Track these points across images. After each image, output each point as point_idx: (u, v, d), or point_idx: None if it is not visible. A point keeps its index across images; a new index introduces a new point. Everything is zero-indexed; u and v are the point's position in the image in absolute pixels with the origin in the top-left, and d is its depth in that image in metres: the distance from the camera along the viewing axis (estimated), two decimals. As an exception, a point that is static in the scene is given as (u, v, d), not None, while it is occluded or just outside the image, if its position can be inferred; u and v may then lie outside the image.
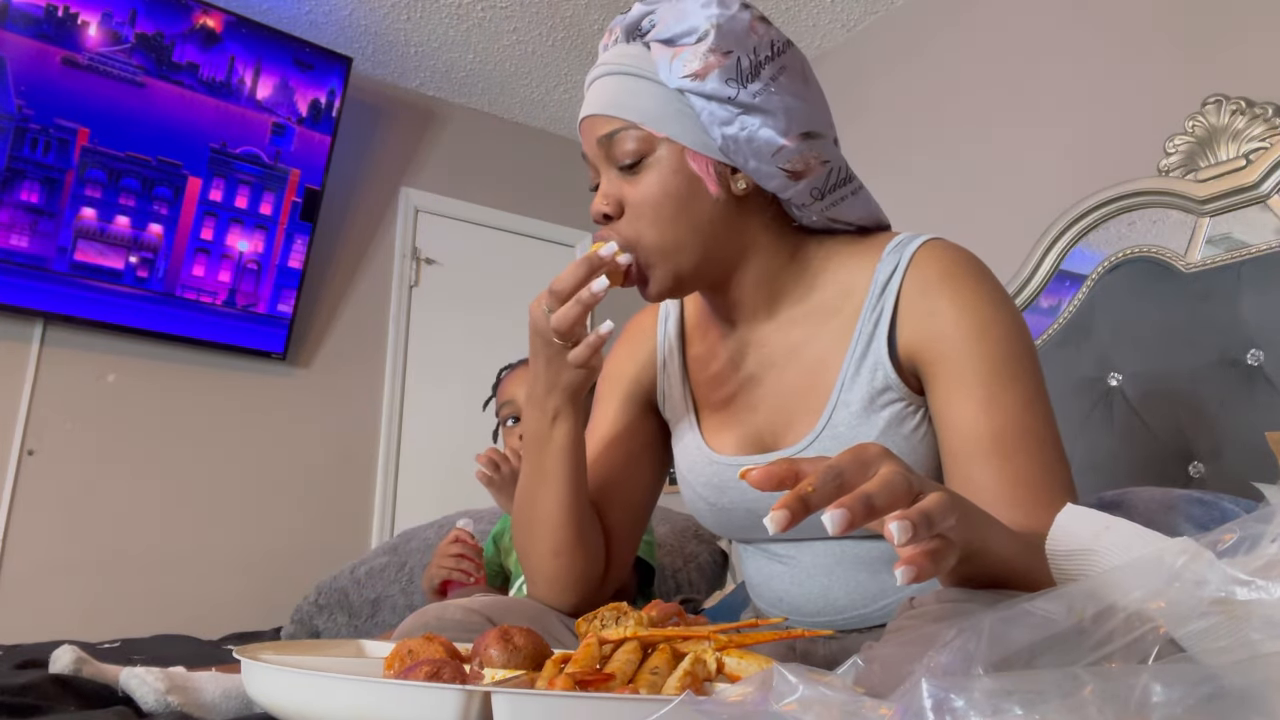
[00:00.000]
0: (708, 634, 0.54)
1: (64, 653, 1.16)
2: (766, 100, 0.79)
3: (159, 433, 2.61)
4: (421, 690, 0.45)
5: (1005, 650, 0.36)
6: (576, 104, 3.35)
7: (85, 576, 2.44)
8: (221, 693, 1.06)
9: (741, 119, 0.79)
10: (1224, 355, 1.60)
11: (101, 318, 2.48)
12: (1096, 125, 2.12)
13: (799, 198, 0.84)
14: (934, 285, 0.79)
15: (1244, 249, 1.63)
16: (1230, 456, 1.57)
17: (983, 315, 0.77)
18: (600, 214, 0.84)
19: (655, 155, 0.82)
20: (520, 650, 0.54)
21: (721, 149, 0.81)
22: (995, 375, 0.75)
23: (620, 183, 0.84)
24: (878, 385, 0.80)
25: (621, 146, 0.83)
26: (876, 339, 0.81)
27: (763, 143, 0.79)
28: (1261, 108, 1.70)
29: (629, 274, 0.83)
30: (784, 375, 0.87)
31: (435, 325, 3.18)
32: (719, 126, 0.80)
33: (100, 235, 2.46)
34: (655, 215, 0.81)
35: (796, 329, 0.87)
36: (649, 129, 0.81)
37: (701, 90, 0.79)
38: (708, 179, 0.82)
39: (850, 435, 0.80)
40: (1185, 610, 0.36)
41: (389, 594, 1.98)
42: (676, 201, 0.81)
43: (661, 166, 0.81)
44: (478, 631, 0.81)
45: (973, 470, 0.73)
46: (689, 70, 0.79)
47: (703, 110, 0.80)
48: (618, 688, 0.46)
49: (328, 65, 2.82)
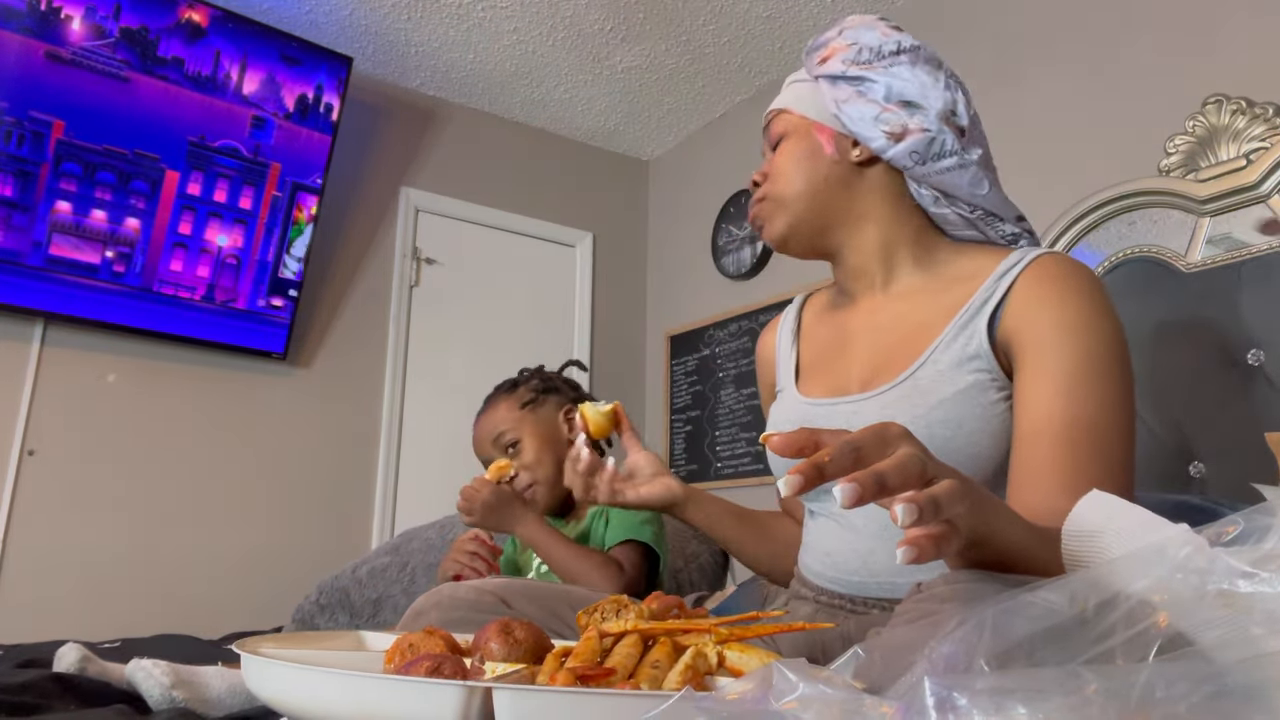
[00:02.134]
0: (709, 627, 0.54)
1: (69, 651, 1.16)
2: (875, 75, 0.96)
3: (159, 433, 2.61)
4: (423, 686, 0.45)
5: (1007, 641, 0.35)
6: (577, 104, 3.35)
7: (85, 576, 2.43)
8: (226, 688, 1.06)
9: (853, 91, 0.97)
10: (1224, 355, 1.60)
11: (76, 312, 2.44)
12: (1096, 125, 2.12)
13: (900, 158, 0.97)
14: (1047, 280, 0.86)
15: (1244, 249, 1.63)
16: (1230, 456, 1.57)
17: (1084, 314, 0.83)
18: (753, 182, 1.05)
19: (794, 130, 1.03)
20: (521, 644, 0.54)
21: (836, 117, 0.99)
22: (1081, 370, 0.79)
23: (771, 157, 1.04)
24: (970, 351, 0.86)
25: (774, 128, 1.05)
26: (981, 313, 0.88)
27: (865, 105, 0.96)
28: (1262, 108, 1.70)
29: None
30: (885, 335, 0.97)
31: (435, 325, 3.18)
32: (836, 101, 0.98)
33: (76, 229, 2.43)
34: (782, 173, 1.02)
35: (907, 301, 0.97)
36: (792, 110, 1.03)
37: (827, 72, 0.99)
38: (825, 143, 1.00)
39: (931, 387, 0.86)
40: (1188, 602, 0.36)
41: (390, 594, 1.98)
42: (798, 161, 1.01)
43: (795, 136, 1.02)
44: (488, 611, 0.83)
45: (1038, 451, 0.77)
46: (819, 58, 1.01)
47: (827, 90, 0.99)
48: (618, 683, 0.46)
49: (315, 60, 2.79)
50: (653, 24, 2.86)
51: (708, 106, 3.36)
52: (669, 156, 3.73)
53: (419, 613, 0.89)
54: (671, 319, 3.53)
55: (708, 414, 3.24)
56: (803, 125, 1.02)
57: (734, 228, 3.26)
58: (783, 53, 2.99)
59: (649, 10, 2.79)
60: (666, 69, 3.10)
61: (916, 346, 0.91)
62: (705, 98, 3.29)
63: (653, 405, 3.53)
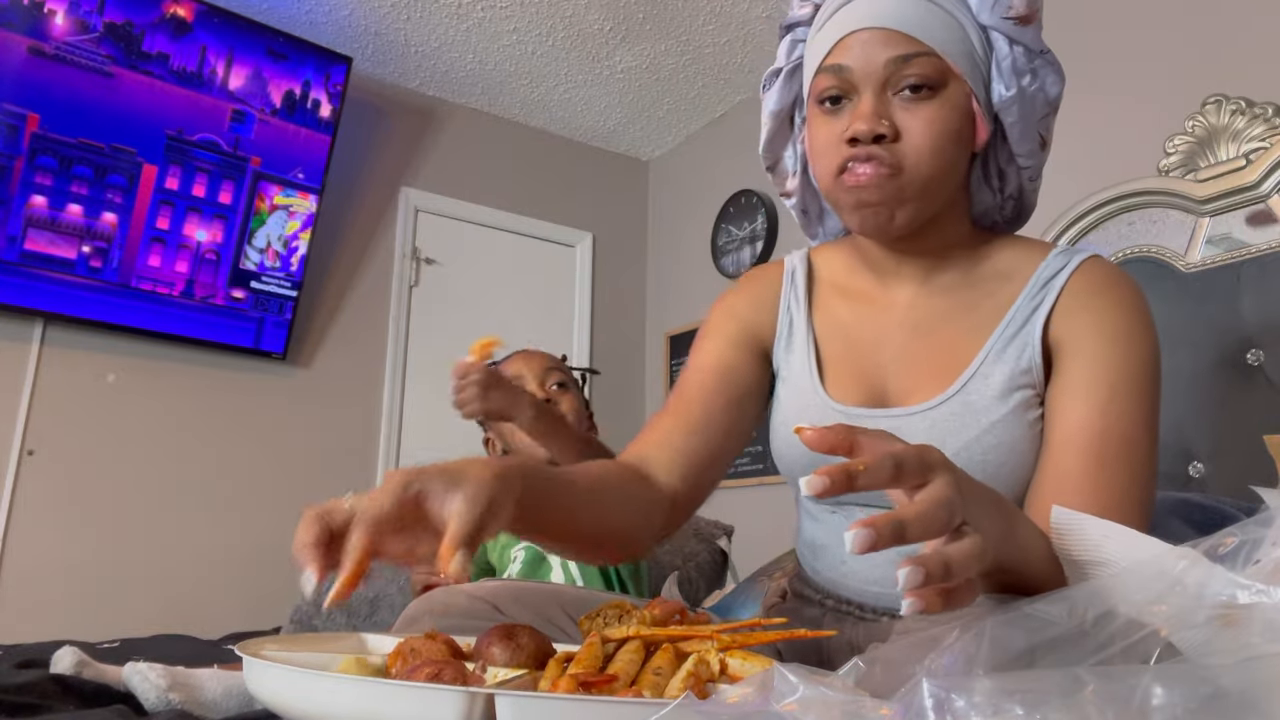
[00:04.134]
0: (711, 634, 0.54)
1: (65, 654, 1.16)
2: (1055, 64, 0.84)
3: (159, 433, 2.61)
4: (425, 691, 0.45)
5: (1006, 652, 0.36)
6: (576, 104, 3.35)
7: (85, 576, 2.44)
8: (223, 690, 1.06)
9: (1041, 73, 0.83)
10: (1224, 355, 1.61)
11: (52, 308, 2.41)
12: (1096, 125, 2.12)
13: (1032, 170, 0.87)
14: (1098, 288, 0.81)
15: (1244, 249, 1.63)
16: (1230, 457, 1.57)
17: (1130, 327, 0.79)
18: (873, 133, 0.78)
19: (948, 89, 0.80)
20: (523, 649, 0.54)
21: (1007, 99, 0.82)
22: (1120, 383, 0.76)
23: (898, 105, 0.79)
24: (1022, 366, 0.81)
25: (920, 69, 0.78)
26: (1032, 321, 0.82)
27: (1047, 99, 0.84)
28: (1261, 108, 1.70)
29: None
30: (923, 339, 0.87)
31: (435, 325, 3.18)
32: (1017, 75, 0.81)
33: (51, 224, 2.40)
34: (935, 147, 0.79)
35: (947, 298, 0.87)
36: (950, 62, 0.79)
37: (1019, 36, 0.81)
38: (981, 128, 0.82)
39: (983, 406, 0.80)
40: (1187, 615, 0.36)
41: (387, 593, 1.98)
42: (955, 139, 0.80)
43: (952, 101, 0.80)
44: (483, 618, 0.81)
45: (1067, 460, 0.74)
46: (1015, 13, 0.80)
47: (1006, 56, 0.81)
48: (620, 689, 0.46)
49: (302, 56, 2.77)
50: (653, 24, 2.85)
51: (708, 106, 3.36)
52: (669, 156, 3.73)
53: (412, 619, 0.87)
54: (671, 319, 3.53)
55: (707, 414, 3.23)
56: (961, 90, 0.80)
57: (734, 228, 3.26)
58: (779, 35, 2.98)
59: (649, 10, 2.79)
60: (666, 69, 3.10)
61: (959, 358, 0.83)
62: (705, 98, 3.29)
63: (653, 405, 3.54)
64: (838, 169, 0.80)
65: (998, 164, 0.89)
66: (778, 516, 1.18)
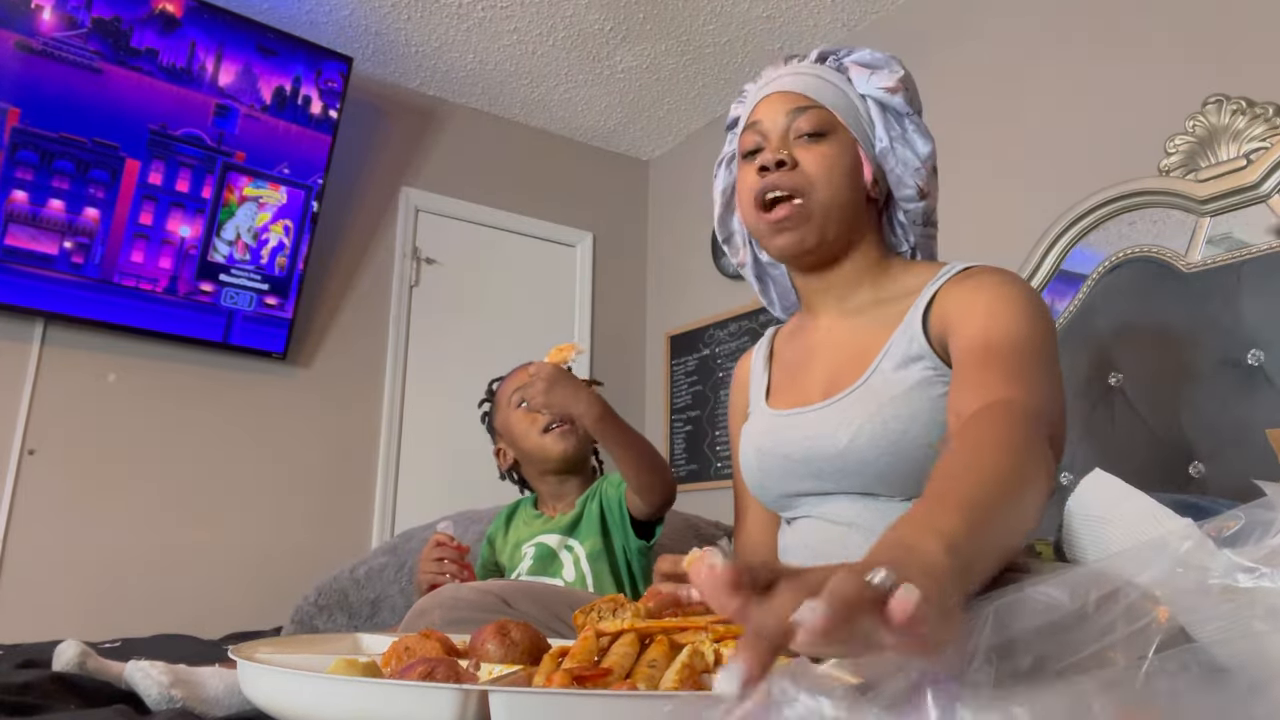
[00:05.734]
0: (705, 625, 0.53)
1: (68, 647, 1.16)
2: (923, 128, 1.05)
3: (159, 432, 2.61)
4: (418, 690, 0.45)
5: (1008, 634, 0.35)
6: (577, 104, 3.35)
7: (85, 576, 2.43)
8: (225, 688, 1.06)
9: (908, 132, 1.04)
10: (1224, 355, 1.60)
11: (33, 304, 2.38)
12: (1096, 125, 2.12)
13: (913, 215, 1.06)
14: (972, 276, 0.96)
15: (1244, 249, 1.63)
16: (1231, 456, 1.57)
17: (1002, 280, 0.93)
18: (776, 160, 0.99)
19: (835, 135, 1.02)
20: (517, 645, 0.54)
21: (881, 152, 1.03)
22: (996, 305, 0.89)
23: (798, 147, 1.02)
24: (912, 353, 0.95)
25: (812, 119, 1.02)
26: (915, 316, 0.97)
27: (916, 154, 1.03)
28: (1262, 108, 1.70)
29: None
30: (842, 350, 1.04)
31: (435, 325, 3.18)
32: (889, 132, 1.03)
33: (32, 219, 2.37)
34: (829, 176, 1.00)
35: (862, 316, 1.04)
36: (837, 115, 1.03)
37: (889, 102, 1.03)
38: (866, 168, 1.03)
39: (882, 388, 0.95)
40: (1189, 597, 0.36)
41: (388, 594, 1.97)
42: (844, 173, 1.01)
43: (839, 143, 1.02)
44: (491, 611, 0.84)
45: (967, 367, 0.85)
46: (885, 85, 1.03)
47: (880, 116, 1.03)
48: (615, 683, 0.46)
49: (292, 52, 2.75)
50: (653, 24, 2.85)
51: (708, 106, 3.36)
52: (669, 156, 3.73)
53: (422, 612, 0.90)
54: (671, 319, 3.53)
55: (708, 414, 3.24)
56: (846, 138, 1.03)
57: (734, 228, 3.25)
58: (782, 53, 2.98)
59: (649, 10, 2.79)
60: (666, 69, 3.10)
61: (868, 356, 0.99)
62: (705, 98, 3.29)
63: (653, 405, 3.53)
64: (757, 202, 1.01)
65: (894, 216, 1.09)
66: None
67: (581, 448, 1.53)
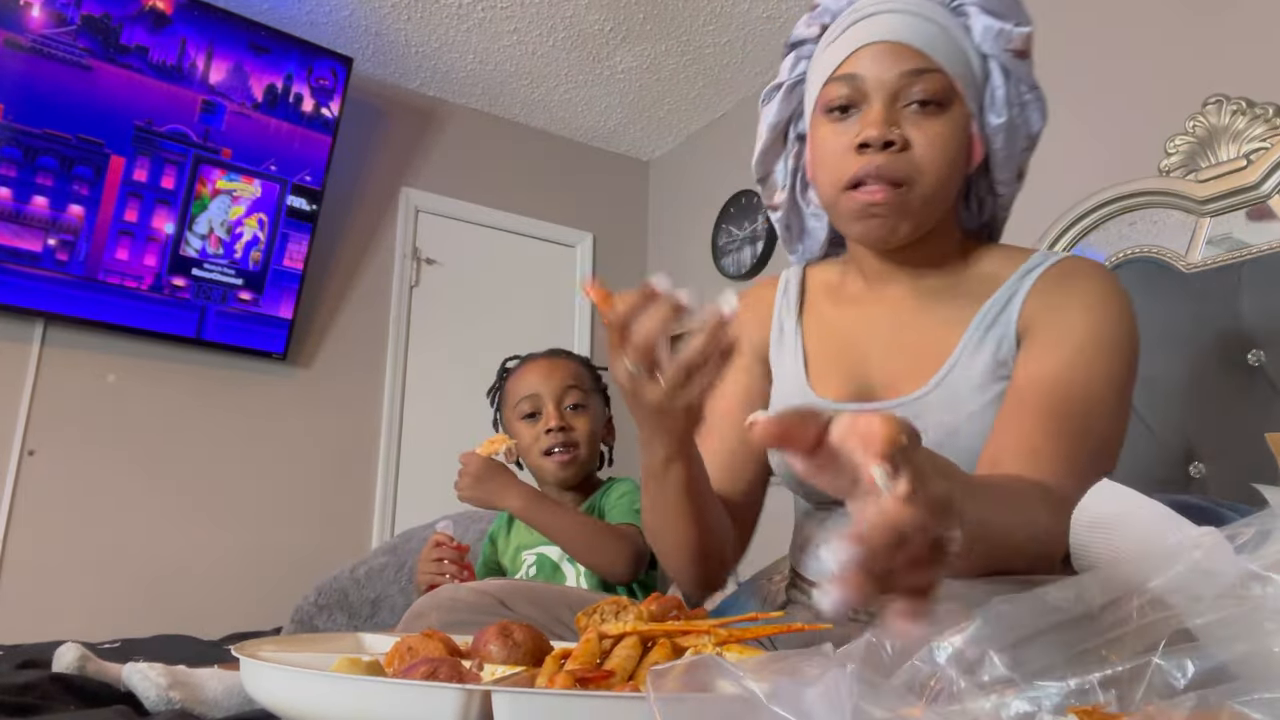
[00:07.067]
0: (708, 628, 0.53)
1: (67, 650, 1.16)
2: (1043, 100, 0.89)
3: (159, 433, 2.61)
4: (421, 689, 0.45)
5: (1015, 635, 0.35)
6: (577, 104, 3.35)
7: (85, 576, 2.43)
8: (224, 689, 1.06)
9: (1028, 106, 0.87)
10: (1224, 356, 1.60)
11: (17, 302, 2.37)
12: (1097, 125, 2.12)
13: (1006, 199, 0.93)
14: (1072, 272, 0.84)
15: (1245, 249, 1.63)
16: (1231, 457, 1.57)
17: (1103, 298, 0.81)
18: (884, 139, 0.81)
19: (952, 108, 0.83)
20: (520, 646, 0.54)
21: (995, 129, 0.87)
22: (1088, 344, 0.77)
23: (906, 118, 0.83)
24: (1000, 356, 0.83)
25: (929, 86, 0.82)
26: (1007, 311, 0.84)
27: (1029, 133, 0.89)
28: (1262, 108, 1.70)
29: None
30: (906, 333, 0.89)
31: (435, 325, 3.18)
32: (1008, 106, 0.86)
33: (16, 216, 2.36)
34: (941, 161, 0.82)
35: (933, 299, 0.90)
36: (956, 83, 0.83)
37: (1015, 68, 0.85)
38: (977, 148, 0.87)
39: (965, 395, 0.82)
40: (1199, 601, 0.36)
41: (388, 594, 1.98)
42: (957, 156, 0.84)
43: (954, 119, 0.83)
44: (489, 613, 0.82)
45: (1023, 405, 0.74)
46: (1013, 46, 0.85)
47: (1000, 86, 0.86)
48: (618, 685, 0.46)
49: (284, 50, 2.75)
50: (653, 25, 2.85)
51: (708, 106, 3.36)
52: (669, 156, 3.73)
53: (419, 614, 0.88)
54: (671, 319, 3.53)
55: (708, 414, 3.23)
56: (962, 112, 0.84)
57: (734, 228, 3.25)
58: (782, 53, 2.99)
59: (649, 11, 2.79)
60: (666, 69, 3.10)
61: (939, 350, 0.86)
62: (705, 98, 3.29)
63: (653, 405, 3.53)
64: (847, 181, 0.83)
65: (978, 192, 0.94)
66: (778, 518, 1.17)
67: (582, 472, 1.50)
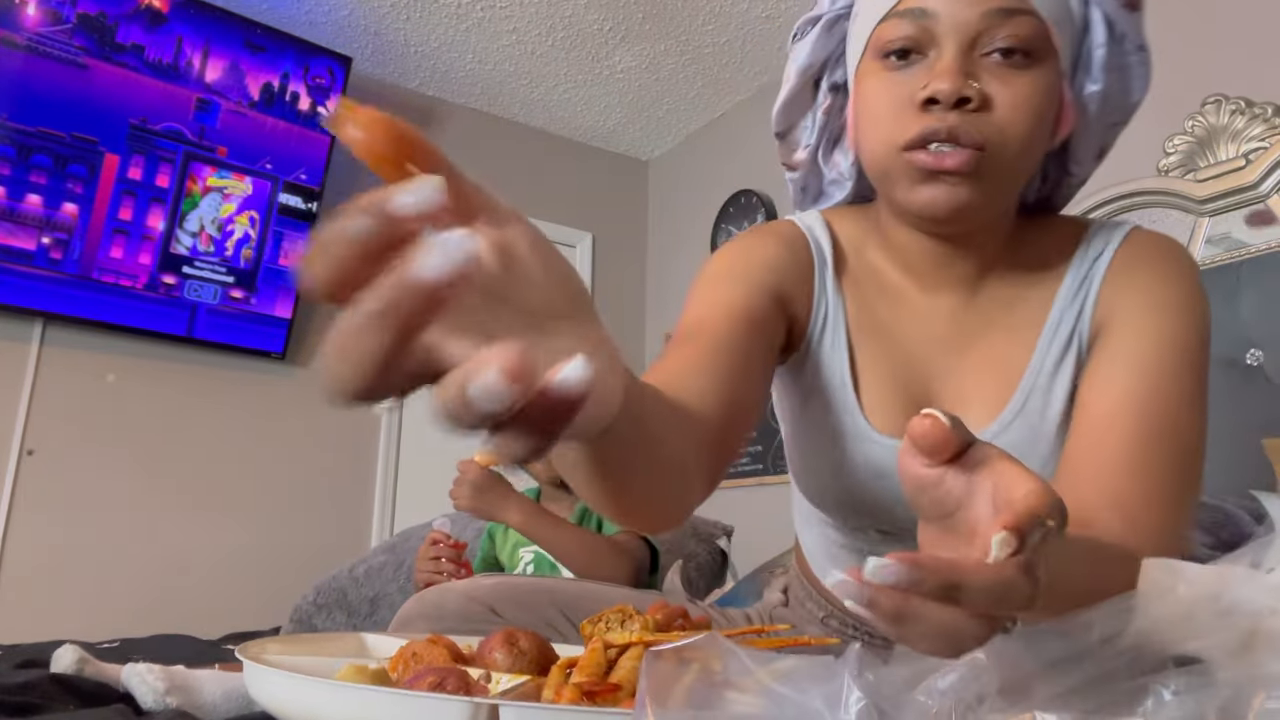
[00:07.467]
0: (714, 641, 0.53)
1: (66, 652, 1.16)
2: (1148, 65, 0.72)
3: (158, 432, 2.61)
4: (429, 701, 0.45)
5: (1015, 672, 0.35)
6: (576, 104, 3.35)
7: (84, 576, 2.44)
8: (222, 693, 1.06)
9: (1130, 70, 0.71)
10: (1224, 355, 1.61)
11: (12, 301, 2.36)
12: (1096, 125, 2.12)
13: (1080, 178, 0.79)
14: (1144, 259, 0.72)
15: (1243, 249, 1.64)
16: (1230, 456, 1.57)
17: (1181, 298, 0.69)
18: (958, 94, 0.63)
19: (1045, 63, 0.66)
20: (525, 654, 0.54)
21: (1090, 94, 0.71)
22: (1169, 357, 0.66)
23: (987, 69, 0.65)
24: (1073, 358, 0.72)
25: (1021, 30, 0.64)
26: (1081, 315, 0.73)
27: (1127, 103, 0.74)
28: (1261, 108, 1.70)
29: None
30: (970, 353, 0.75)
31: (435, 325, 3.18)
32: (1106, 70, 0.70)
33: (10, 215, 2.35)
34: (1027, 128, 0.65)
35: (990, 301, 0.76)
36: (1053, 34, 0.66)
37: (1124, 23, 0.69)
38: (1067, 115, 0.71)
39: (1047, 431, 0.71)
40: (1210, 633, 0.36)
41: (387, 592, 1.98)
42: (1045, 122, 0.67)
43: (1046, 76, 0.66)
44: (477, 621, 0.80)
45: (1108, 441, 0.63)
46: None
47: (1101, 45, 0.69)
48: (624, 699, 0.46)
49: (280, 48, 2.74)
50: (652, 24, 2.85)
51: (708, 106, 3.36)
52: (669, 156, 3.73)
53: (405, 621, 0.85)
54: (671, 319, 3.53)
55: (707, 413, 3.23)
56: (1055, 68, 0.67)
57: (733, 227, 3.25)
58: (782, 53, 2.98)
59: (649, 10, 2.78)
60: (666, 69, 3.10)
61: (1014, 364, 0.73)
62: (705, 98, 3.29)
63: (652, 404, 3.53)
64: (906, 141, 0.65)
65: (1047, 170, 0.78)
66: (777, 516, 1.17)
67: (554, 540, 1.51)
